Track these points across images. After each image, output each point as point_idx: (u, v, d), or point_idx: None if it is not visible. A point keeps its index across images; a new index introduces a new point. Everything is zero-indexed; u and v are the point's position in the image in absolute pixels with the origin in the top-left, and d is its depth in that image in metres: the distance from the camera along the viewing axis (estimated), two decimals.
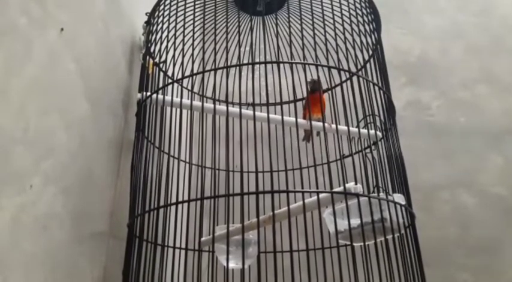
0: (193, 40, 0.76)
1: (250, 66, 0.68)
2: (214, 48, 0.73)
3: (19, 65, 0.52)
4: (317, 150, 0.66)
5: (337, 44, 0.75)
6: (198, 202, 0.61)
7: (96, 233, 0.71)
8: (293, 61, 0.68)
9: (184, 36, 0.82)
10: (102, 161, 0.74)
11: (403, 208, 0.66)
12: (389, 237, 0.62)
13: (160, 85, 0.80)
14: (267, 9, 0.89)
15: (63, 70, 0.63)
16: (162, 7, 0.83)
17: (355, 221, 0.59)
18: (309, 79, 0.80)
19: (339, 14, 0.76)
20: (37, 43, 0.56)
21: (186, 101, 0.77)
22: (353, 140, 0.88)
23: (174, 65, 0.76)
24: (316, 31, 0.73)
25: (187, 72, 0.76)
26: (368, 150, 0.82)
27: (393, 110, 0.81)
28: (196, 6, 0.79)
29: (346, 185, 0.59)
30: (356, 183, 0.60)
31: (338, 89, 0.86)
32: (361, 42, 0.78)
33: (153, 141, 0.76)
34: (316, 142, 0.65)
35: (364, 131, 0.79)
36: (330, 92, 0.92)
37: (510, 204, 1.18)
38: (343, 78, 0.82)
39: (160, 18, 0.83)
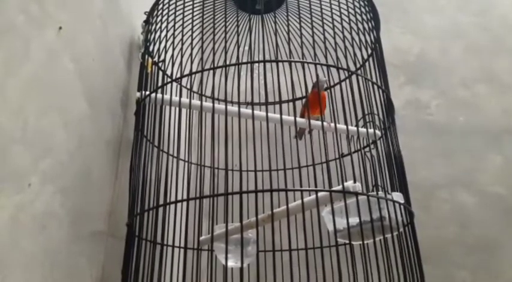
0: (192, 39, 0.75)
1: (249, 65, 0.68)
2: (213, 47, 0.73)
3: (17, 64, 0.52)
4: (316, 149, 0.66)
5: (336, 43, 0.75)
6: (197, 201, 0.61)
7: (95, 232, 0.71)
8: (292, 60, 0.68)
9: (183, 35, 0.81)
10: (100, 160, 0.74)
11: (401, 207, 0.66)
12: (388, 235, 0.62)
13: (159, 84, 0.80)
14: (266, 8, 0.89)
15: (61, 69, 0.62)
16: (160, 6, 0.83)
17: (354, 220, 0.59)
18: (323, 78, 0.79)
19: (338, 13, 0.76)
20: (35, 42, 0.56)
21: (185, 100, 0.77)
22: (352, 139, 0.88)
23: (173, 64, 0.76)
24: (315, 29, 0.73)
25: (186, 71, 0.76)
26: (367, 149, 0.82)
27: (392, 109, 0.80)
28: (195, 5, 0.79)
29: (345, 184, 0.59)
30: (355, 182, 0.60)
31: (337, 87, 0.86)
32: (360, 40, 0.78)
33: (152, 140, 0.76)
34: (315, 141, 0.65)
35: (363, 129, 0.79)
36: (329, 90, 0.92)
37: (509, 204, 1.18)
38: (342, 77, 0.82)
39: (159, 17, 0.83)
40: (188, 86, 0.91)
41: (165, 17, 0.80)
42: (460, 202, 1.21)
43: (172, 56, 0.76)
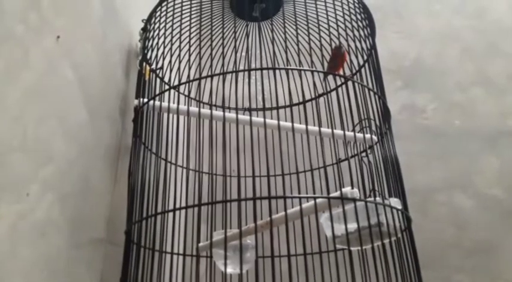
0: (190, 46, 0.76)
1: (246, 71, 0.68)
2: (211, 54, 0.73)
3: (17, 73, 0.52)
4: (313, 154, 0.67)
5: (332, 49, 0.75)
6: (196, 208, 0.61)
7: (94, 239, 0.71)
8: (289, 67, 0.68)
9: (180, 42, 0.82)
10: (99, 167, 0.74)
11: (399, 212, 0.67)
12: (387, 241, 0.62)
13: (157, 91, 0.80)
14: (263, 15, 0.90)
15: (60, 77, 0.63)
16: (158, 13, 0.84)
17: (352, 226, 0.60)
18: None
19: (334, 20, 0.77)
20: (35, 50, 0.56)
21: (182, 107, 0.77)
22: (349, 144, 0.88)
23: (171, 71, 0.77)
24: (311, 37, 0.74)
25: (184, 78, 0.76)
26: (364, 154, 0.82)
27: (388, 114, 0.81)
28: (193, 13, 0.79)
29: (343, 190, 0.59)
30: (352, 188, 0.60)
31: (333, 93, 0.87)
32: (356, 47, 0.79)
33: (150, 147, 0.76)
34: (312, 146, 0.65)
35: (359, 135, 0.80)
36: (325, 97, 0.93)
37: (506, 206, 1.19)
38: (339, 83, 0.82)
39: (157, 25, 0.83)
40: (186, 93, 0.91)
41: (163, 24, 0.81)
42: (457, 205, 1.22)
43: (170, 62, 0.77)
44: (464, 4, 1.51)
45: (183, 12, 0.83)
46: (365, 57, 0.82)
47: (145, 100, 0.78)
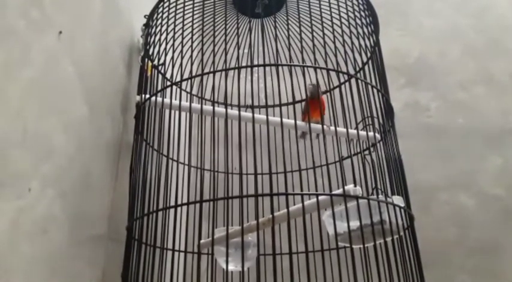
0: (192, 42, 0.76)
1: (249, 68, 0.68)
2: (213, 50, 0.73)
3: (17, 68, 0.52)
4: (316, 152, 0.66)
5: (335, 47, 0.75)
6: (197, 204, 0.61)
7: (95, 236, 0.71)
8: (292, 64, 0.68)
9: (183, 38, 0.82)
10: (100, 163, 0.74)
11: (402, 210, 0.66)
12: (389, 239, 0.62)
13: (159, 87, 0.80)
14: (266, 12, 0.89)
15: (61, 73, 0.62)
16: (160, 9, 0.84)
17: (354, 223, 0.59)
18: (308, 84, 0.80)
19: (337, 17, 0.76)
20: (35, 46, 0.56)
21: (185, 103, 0.77)
22: (352, 142, 0.88)
23: (173, 67, 0.76)
24: (314, 33, 0.73)
25: (186, 74, 0.76)
26: (367, 152, 0.82)
27: (391, 112, 0.81)
28: (195, 9, 0.79)
29: (346, 187, 0.59)
30: (355, 186, 0.60)
31: (337, 91, 0.87)
32: (360, 44, 0.78)
33: (152, 143, 0.76)
34: (315, 144, 0.65)
35: (362, 133, 0.79)
36: (328, 94, 0.92)
37: (508, 205, 1.18)
38: (342, 81, 0.82)
39: (159, 21, 0.83)
40: (188, 89, 0.91)
41: (165, 20, 0.80)
42: (459, 204, 1.21)
43: (172, 58, 0.77)
44: (466, 2, 1.50)
45: (186, 8, 0.83)
46: (369, 55, 0.81)
47: (147, 96, 0.77)
